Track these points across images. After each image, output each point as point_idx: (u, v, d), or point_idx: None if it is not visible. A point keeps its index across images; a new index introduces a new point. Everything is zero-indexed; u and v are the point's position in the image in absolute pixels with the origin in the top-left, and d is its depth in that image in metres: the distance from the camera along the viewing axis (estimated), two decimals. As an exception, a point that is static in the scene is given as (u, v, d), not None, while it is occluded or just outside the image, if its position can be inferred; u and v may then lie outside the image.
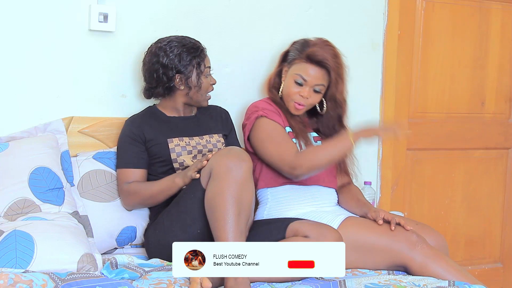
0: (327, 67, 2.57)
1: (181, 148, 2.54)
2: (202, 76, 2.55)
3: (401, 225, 2.41)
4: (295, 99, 2.61)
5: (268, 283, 2.22)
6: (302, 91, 2.59)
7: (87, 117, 2.67)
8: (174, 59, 2.51)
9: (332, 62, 2.57)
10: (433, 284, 2.21)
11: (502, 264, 3.67)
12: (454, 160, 3.49)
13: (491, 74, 3.53)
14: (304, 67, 2.60)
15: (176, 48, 2.52)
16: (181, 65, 2.52)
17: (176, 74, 2.53)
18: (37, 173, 2.38)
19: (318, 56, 2.57)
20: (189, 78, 2.54)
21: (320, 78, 2.59)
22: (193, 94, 2.57)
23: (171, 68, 2.52)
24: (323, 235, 2.26)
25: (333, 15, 3.10)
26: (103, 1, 2.65)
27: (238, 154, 2.27)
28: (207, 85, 2.59)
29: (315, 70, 2.58)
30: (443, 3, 3.38)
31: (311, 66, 2.59)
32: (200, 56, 2.55)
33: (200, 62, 2.54)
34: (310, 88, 2.59)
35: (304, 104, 2.61)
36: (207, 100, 2.64)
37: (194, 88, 2.55)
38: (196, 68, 2.54)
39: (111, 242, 2.55)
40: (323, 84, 2.60)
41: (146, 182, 2.52)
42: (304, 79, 2.59)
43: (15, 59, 2.57)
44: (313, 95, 2.60)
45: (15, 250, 2.11)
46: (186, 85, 2.55)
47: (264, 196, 2.65)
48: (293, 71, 2.62)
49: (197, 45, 2.57)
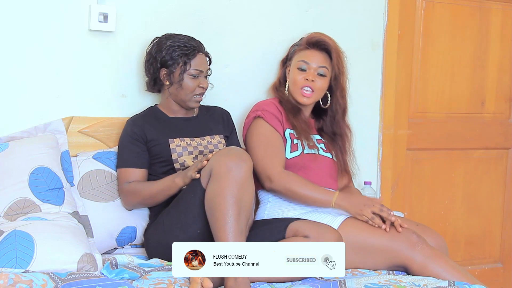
0: (327, 47, 2.65)
1: (182, 149, 2.54)
2: (185, 75, 2.55)
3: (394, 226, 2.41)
4: (301, 84, 2.64)
5: (268, 283, 2.22)
6: (307, 75, 2.63)
7: (87, 117, 2.67)
8: (164, 52, 2.54)
9: (331, 43, 2.65)
10: (433, 284, 2.21)
11: (502, 264, 3.67)
12: (454, 160, 3.49)
13: (491, 74, 3.53)
14: (305, 52, 2.68)
15: (171, 43, 2.54)
16: (168, 59, 2.54)
17: (162, 68, 2.55)
18: (37, 173, 2.38)
19: (316, 38, 2.67)
20: (172, 73, 2.55)
21: (322, 60, 2.65)
22: (174, 91, 2.57)
23: (158, 61, 2.55)
24: (323, 235, 2.26)
25: (333, 15, 3.10)
26: (103, 1, 2.65)
27: (238, 154, 2.27)
28: (193, 86, 2.56)
29: (316, 53, 2.66)
30: (443, 3, 3.38)
31: (311, 50, 2.67)
32: (189, 55, 2.54)
33: (187, 61, 2.53)
34: (314, 71, 2.64)
35: (311, 88, 2.63)
36: (196, 102, 2.60)
37: (175, 84, 2.55)
38: (181, 65, 2.54)
39: (111, 242, 2.55)
40: (326, 67, 2.64)
41: (146, 182, 2.52)
42: (307, 63, 2.65)
43: (15, 59, 2.57)
44: (318, 79, 2.64)
45: (15, 250, 2.11)
46: (169, 79, 2.56)
47: (265, 196, 2.65)
48: (295, 61, 2.69)
49: (192, 45, 2.56)
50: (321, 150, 2.69)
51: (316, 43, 2.66)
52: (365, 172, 3.09)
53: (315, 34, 2.70)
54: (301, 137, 2.63)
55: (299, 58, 2.67)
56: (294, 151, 2.63)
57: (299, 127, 2.64)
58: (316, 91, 2.65)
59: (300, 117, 2.67)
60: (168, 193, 2.46)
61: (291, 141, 2.64)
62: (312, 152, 2.65)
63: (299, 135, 2.63)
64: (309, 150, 2.64)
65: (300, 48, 2.70)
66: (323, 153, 2.68)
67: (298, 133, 2.63)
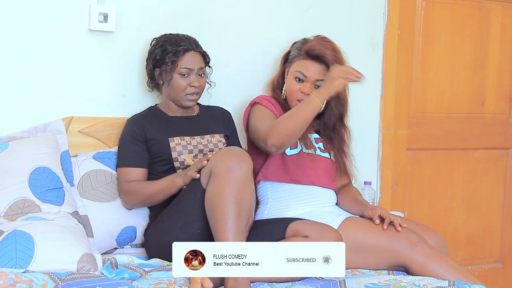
0: (326, 61, 2.59)
1: (182, 147, 2.54)
2: (174, 73, 2.54)
3: (393, 225, 2.41)
4: (297, 96, 2.62)
5: (268, 283, 2.22)
6: (303, 88, 2.61)
7: (87, 117, 2.68)
8: (155, 52, 2.56)
9: (330, 57, 2.59)
10: (433, 284, 2.21)
11: (502, 264, 3.67)
12: (454, 160, 3.49)
13: (491, 74, 3.53)
14: (304, 63, 2.62)
15: (164, 42, 2.56)
16: (159, 59, 2.55)
17: (155, 68, 2.57)
18: (37, 173, 2.38)
19: (316, 51, 2.60)
20: (163, 73, 2.55)
21: (320, 73, 2.60)
22: (167, 90, 2.58)
23: (152, 60, 2.57)
24: (323, 235, 2.26)
25: (333, 15, 3.10)
26: (103, 1, 2.65)
27: (238, 154, 2.27)
28: (184, 84, 2.55)
29: (315, 66, 2.61)
30: (443, 3, 3.38)
31: (310, 62, 2.61)
32: (177, 54, 2.53)
33: (175, 59, 2.53)
34: (311, 84, 2.61)
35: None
36: (189, 101, 2.59)
37: (165, 83, 2.56)
38: (170, 64, 2.54)
39: (111, 242, 2.55)
40: (324, 80, 2.60)
41: (146, 182, 2.52)
42: (304, 75, 2.61)
43: (15, 59, 2.57)
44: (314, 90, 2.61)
45: (15, 250, 2.11)
46: (162, 79, 2.57)
47: (265, 195, 2.65)
48: (293, 69, 2.65)
49: (182, 44, 2.55)
50: (319, 150, 2.68)
51: (316, 56, 2.60)
52: (365, 172, 3.09)
53: (316, 45, 2.62)
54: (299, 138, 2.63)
55: (297, 67, 2.63)
56: (294, 149, 2.63)
57: None
58: None
59: None
60: (168, 192, 2.46)
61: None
62: (309, 152, 2.65)
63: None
64: (307, 150, 2.64)
65: (300, 56, 2.64)
66: (320, 153, 2.67)
67: None
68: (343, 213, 2.56)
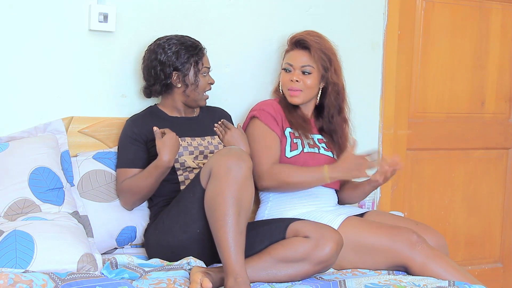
0: (307, 45, 2.64)
1: (183, 149, 2.54)
2: (199, 75, 2.56)
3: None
4: (287, 86, 2.68)
5: (268, 283, 2.22)
6: (291, 75, 2.66)
7: (87, 117, 2.67)
8: (172, 56, 2.53)
9: (311, 41, 2.65)
10: (433, 284, 2.22)
11: (502, 264, 3.67)
12: (454, 160, 3.49)
13: (491, 74, 3.53)
14: (289, 54, 2.71)
15: (175, 46, 2.54)
16: (178, 63, 2.53)
17: (173, 72, 2.54)
18: (37, 173, 2.38)
19: (297, 37, 2.68)
20: (186, 76, 2.55)
21: (305, 59, 2.66)
22: (190, 92, 2.57)
23: (168, 65, 2.53)
24: (324, 235, 2.26)
25: (333, 15, 3.10)
26: (103, 1, 2.65)
27: (238, 154, 2.27)
28: (205, 84, 2.59)
29: (298, 52, 2.68)
30: (443, 3, 3.38)
31: (294, 51, 2.70)
32: (198, 54, 2.55)
33: (198, 60, 2.55)
34: (298, 71, 2.66)
35: (298, 89, 2.64)
36: (205, 100, 2.63)
37: (191, 86, 2.56)
38: (194, 66, 2.54)
39: (111, 242, 2.55)
40: (310, 65, 2.65)
41: (136, 175, 2.51)
42: (290, 64, 2.68)
43: (15, 59, 2.57)
44: (304, 78, 2.65)
45: (15, 250, 2.11)
46: (183, 82, 2.55)
47: (265, 196, 2.65)
48: (283, 63, 2.73)
49: (196, 44, 2.58)
50: (322, 149, 2.69)
51: (297, 42, 2.68)
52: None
53: (297, 34, 2.71)
54: (300, 134, 2.64)
55: (285, 60, 2.72)
56: (294, 150, 2.63)
57: (295, 123, 2.65)
58: (304, 90, 2.66)
59: (296, 114, 2.68)
60: (156, 174, 2.43)
61: (291, 140, 2.64)
62: (312, 151, 2.65)
63: (297, 131, 2.63)
64: (309, 149, 2.64)
65: (287, 49, 2.74)
66: (323, 152, 2.68)
67: (295, 129, 2.64)
68: (343, 213, 2.56)
